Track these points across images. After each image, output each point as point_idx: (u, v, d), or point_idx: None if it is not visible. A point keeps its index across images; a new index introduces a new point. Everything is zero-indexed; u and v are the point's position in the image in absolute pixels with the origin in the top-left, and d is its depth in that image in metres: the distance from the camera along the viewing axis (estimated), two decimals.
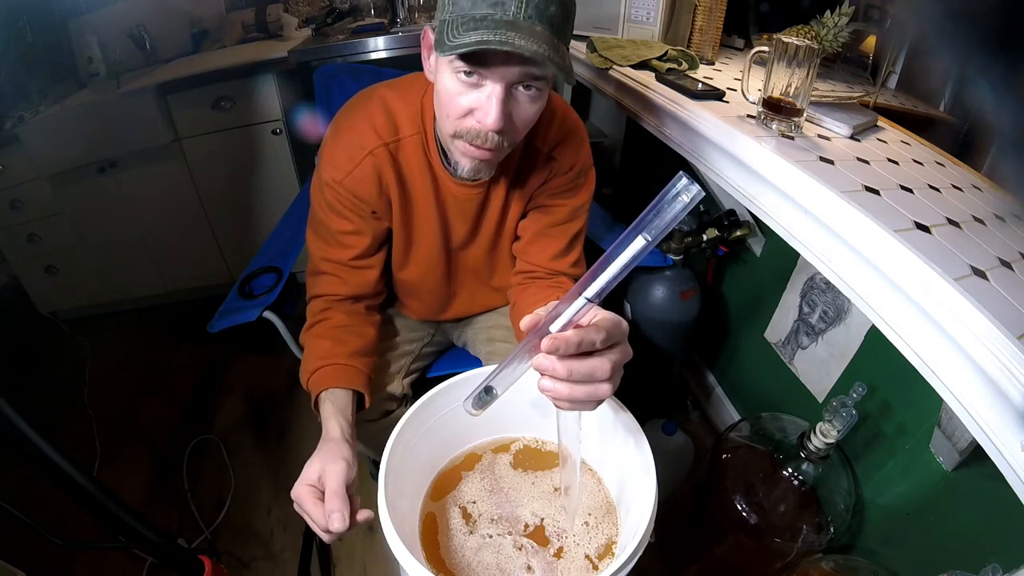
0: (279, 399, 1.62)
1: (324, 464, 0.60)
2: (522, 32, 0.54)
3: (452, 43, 0.55)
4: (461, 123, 0.63)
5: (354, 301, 0.81)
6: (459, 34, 0.55)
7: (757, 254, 1.18)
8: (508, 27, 0.54)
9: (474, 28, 0.54)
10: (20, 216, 1.75)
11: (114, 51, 1.67)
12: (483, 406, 0.50)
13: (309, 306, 0.81)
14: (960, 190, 0.76)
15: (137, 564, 1.17)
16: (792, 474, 0.84)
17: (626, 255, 0.40)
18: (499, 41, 0.53)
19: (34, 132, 1.59)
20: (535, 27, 0.56)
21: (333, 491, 0.58)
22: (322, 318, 0.79)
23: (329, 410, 0.69)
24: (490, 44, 0.53)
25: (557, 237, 0.82)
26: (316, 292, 0.80)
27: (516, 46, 0.53)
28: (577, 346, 0.44)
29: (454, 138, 0.65)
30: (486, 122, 0.60)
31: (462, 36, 0.54)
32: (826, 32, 0.90)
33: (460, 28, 0.55)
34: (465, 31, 0.55)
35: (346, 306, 0.80)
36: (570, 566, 0.61)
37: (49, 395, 1.67)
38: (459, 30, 0.55)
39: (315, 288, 0.81)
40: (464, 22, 0.55)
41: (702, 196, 0.36)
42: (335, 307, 0.79)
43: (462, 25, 0.55)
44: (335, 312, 0.79)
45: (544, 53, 0.54)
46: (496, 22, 0.55)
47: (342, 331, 0.77)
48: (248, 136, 1.77)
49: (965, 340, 0.52)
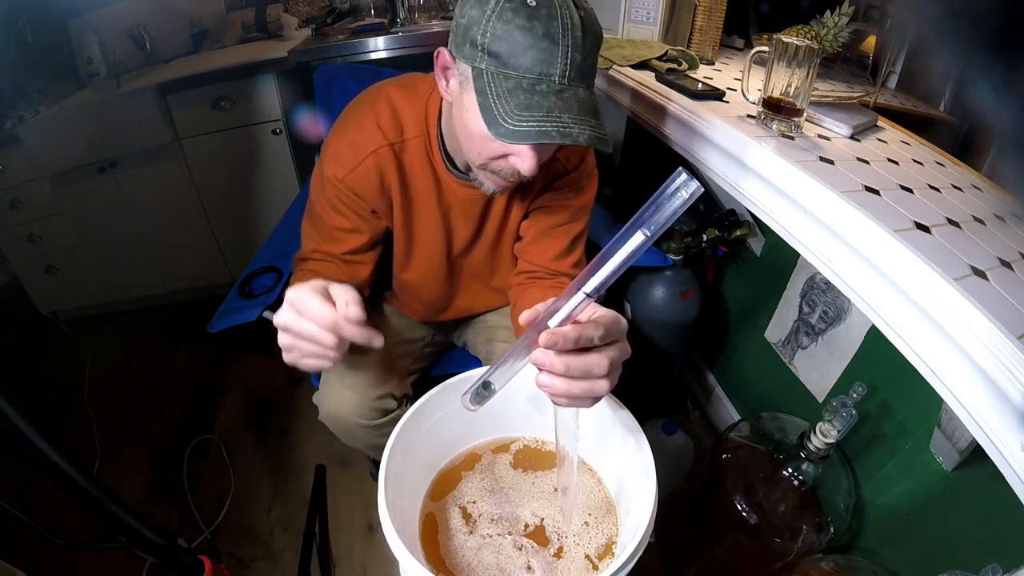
0: (279, 399, 1.62)
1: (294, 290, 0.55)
2: (571, 108, 0.55)
3: (509, 127, 0.54)
4: (493, 162, 0.63)
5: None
6: (512, 112, 0.54)
7: (757, 254, 1.18)
8: (560, 103, 0.55)
9: (526, 107, 0.54)
10: (20, 216, 1.75)
11: (114, 51, 1.67)
12: (481, 401, 0.50)
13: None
14: (960, 190, 0.76)
15: (137, 564, 1.17)
16: (792, 474, 0.84)
17: (625, 250, 0.40)
18: (559, 133, 0.54)
19: (34, 132, 1.59)
20: (578, 92, 0.57)
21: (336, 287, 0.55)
22: (312, 265, 0.78)
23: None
24: (551, 138, 0.54)
25: (559, 237, 0.82)
26: (303, 267, 0.79)
27: (574, 136, 0.54)
28: (575, 342, 0.44)
29: (481, 168, 0.65)
30: (522, 170, 0.61)
31: (517, 118, 0.54)
32: (826, 32, 0.90)
33: (509, 100, 0.55)
34: (518, 110, 0.54)
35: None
36: (570, 566, 0.61)
37: (49, 395, 1.67)
38: (508, 103, 0.55)
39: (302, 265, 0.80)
40: (512, 91, 0.55)
41: (701, 192, 0.37)
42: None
43: (510, 95, 0.55)
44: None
45: (596, 135, 0.55)
46: (546, 95, 0.55)
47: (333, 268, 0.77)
48: (248, 136, 1.77)
49: (965, 340, 0.52)
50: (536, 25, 0.54)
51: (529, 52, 0.54)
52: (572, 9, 0.55)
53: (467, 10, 0.56)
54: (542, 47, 0.54)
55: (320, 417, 0.86)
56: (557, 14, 0.54)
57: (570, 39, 0.55)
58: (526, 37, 0.54)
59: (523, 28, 0.54)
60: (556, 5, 0.54)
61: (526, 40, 0.54)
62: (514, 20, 0.53)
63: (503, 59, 0.55)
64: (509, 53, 0.55)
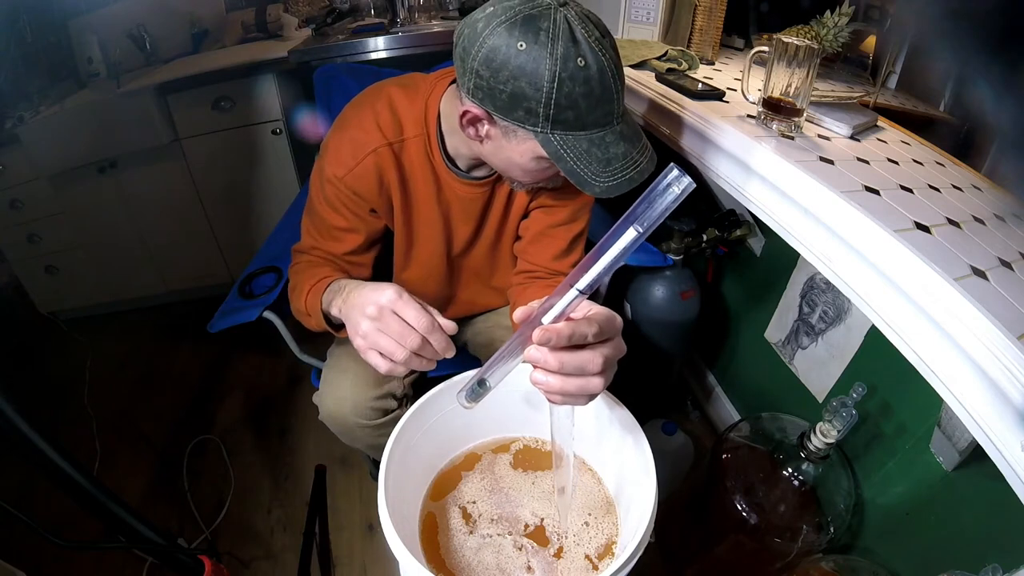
0: (279, 399, 1.62)
1: (383, 287, 0.58)
2: (631, 139, 0.60)
3: (602, 185, 0.59)
4: (542, 177, 0.67)
5: None
6: (598, 172, 0.59)
7: (757, 254, 1.18)
8: (624, 143, 0.59)
9: (607, 162, 0.59)
10: (20, 216, 1.75)
11: (114, 51, 1.67)
12: (476, 399, 0.50)
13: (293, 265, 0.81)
14: (960, 190, 0.76)
15: (137, 564, 1.17)
16: (792, 474, 0.84)
17: (617, 247, 0.40)
18: (639, 173, 0.60)
19: (34, 132, 1.59)
20: (627, 118, 0.61)
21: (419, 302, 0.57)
22: (311, 258, 0.79)
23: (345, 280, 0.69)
24: (635, 183, 0.59)
25: (559, 237, 0.82)
26: (300, 259, 0.81)
27: (643, 169, 0.60)
28: (569, 338, 0.44)
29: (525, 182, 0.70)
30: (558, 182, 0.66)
31: (604, 175, 0.59)
32: (826, 32, 0.90)
33: (590, 161, 0.58)
34: (600, 167, 0.59)
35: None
36: (570, 566, 0.61)
37: (49, 395, 1.67)
38: (590, 164, 0.58)
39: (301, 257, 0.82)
40: (587, 150, 0.58)
41: (693, 187, 0.37)
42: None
43: (588, 156, 0.58)
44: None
45: (652, 156, 0.62)
46: (616, 143, 0.59)
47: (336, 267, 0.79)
48: (248, 136, 1.77)
49: (965, 340, 0.52)
50: (594, 87, 0.56)
51: (593, 112, 0.57)
52: (609, 51, 0.57)
53: (506, 79, 0.55)
54: (604, 103, 0.57)
55: (320, 417, 0.86)
56: (606, 66, 0.56)
57: (619, 83, 0.58)
58: (588, 101, 0.56)
59: (585, 96, 0.56)
60: (600, 55, 0.55)
61: (589, 104, 0.56)
62: (575, 90, 0.55)
63: (571, 124, 0.57)
64: (576, 118, 0.57)
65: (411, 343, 0.55)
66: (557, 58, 0.53)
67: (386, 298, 0.56)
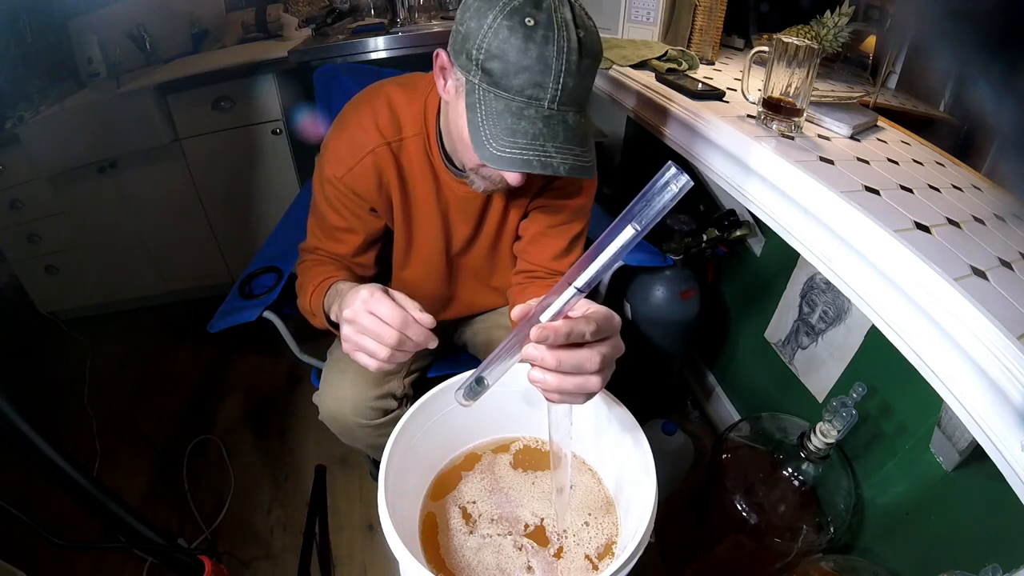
0: (279, 399, 1.62)
1: (359, 290, 0.58)
2: (557, 135, 0.56)
3: (493, 151, 0.56)
4: (483, 168, 0.64)
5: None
6: (497, 136, 0.55)
7: (757, 254, 1.18)
8: (546, 131, 0.55)
9: (512, 132, 0.55)
10: (20, 216, 1.75)
11: (114, 51, 1.67)
12: (474, 396, 0.50)
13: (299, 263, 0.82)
14: (960, 190, 0.76)
15: (137, 564, 1.17)
16: (792, 474, 0.84)
17: (615, 245, 0.40)
18: (540, 163, 0.55)
19: (34, 132, 1.59)
20: (567, 117, 0.57)
21: (398, 294, 0.57)
22: (317, 257, 0.80)
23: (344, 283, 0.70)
24: (532, 168, 0.55)
25: (558, 237, 0.82)
26: (307, 258, 0.82)
27: (554, 167, 0.55)
28: (566, 336, 0.44)
29: (472, 171, 0.67)
30: (509, 181, 0.62)
31: (502, 143, 0.55)
32: (826, 32, 0.90)
33: (497, 123, 0.56)
34: (504, 134, 0.55)
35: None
36: (570, 566, 0.61)
37: (49, 395, 1.67)
38: (496, 125, 0.56)
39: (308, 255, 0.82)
40: (500, 113, 0.56)
41: (691, 185, 0.37)
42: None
43: (498, 118, 0.56)
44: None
45: (577, 165, 0.56)
46: (533, 121, 0.55)
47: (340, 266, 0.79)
48: (248, 136, 1.77)
49: (965, 340, 0.52)
50: (531, 47, 0.53)
51: (522, 74, 0.54)
52: (571, 31, 0.54)
53: (467, 19, 0.56)
54: (535, 70, 0.54)
55: (320, 417, 0.86)
56: (554, 37, 0.53)
57: (564, 63, 0.54)
58: (520, 58, 0.53)
59: (518, 49, 0.53)
60: (555, 26, 0.53)
61: (520, 62, 0.53)
62: (510, 39, 0.53)
63: (495, 77, 0.55)
64: (502, 72, 0.54)
65: (388, 340, 0.55)
66: (507, 7, 0.53)
67: (360, 299, 0.57)
